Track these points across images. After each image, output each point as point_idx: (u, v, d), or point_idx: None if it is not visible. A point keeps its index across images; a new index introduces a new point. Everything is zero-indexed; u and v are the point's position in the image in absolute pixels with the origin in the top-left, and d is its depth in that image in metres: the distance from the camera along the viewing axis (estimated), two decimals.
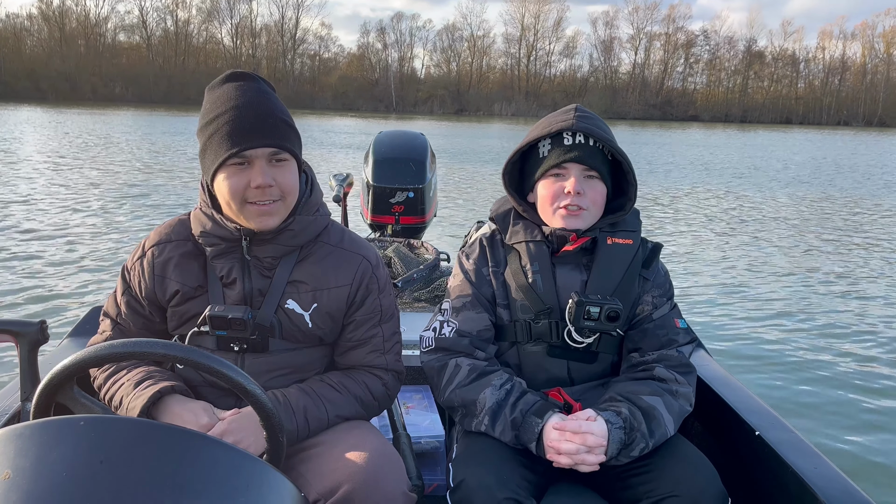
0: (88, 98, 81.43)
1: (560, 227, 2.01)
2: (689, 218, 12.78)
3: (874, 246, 10.63)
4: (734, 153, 32.26)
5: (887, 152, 36.99)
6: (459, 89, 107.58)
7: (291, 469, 1.74)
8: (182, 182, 15.00)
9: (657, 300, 2.04)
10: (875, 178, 21.93)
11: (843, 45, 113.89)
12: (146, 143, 25.08)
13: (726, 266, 8.95)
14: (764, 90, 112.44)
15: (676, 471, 1.79)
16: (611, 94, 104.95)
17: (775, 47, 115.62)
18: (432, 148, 4.13)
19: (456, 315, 2.05)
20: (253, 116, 1.70)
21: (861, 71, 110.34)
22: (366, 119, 62.28)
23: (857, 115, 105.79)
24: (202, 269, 1.85)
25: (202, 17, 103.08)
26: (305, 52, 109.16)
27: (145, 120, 42.51)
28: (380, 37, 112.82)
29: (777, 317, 6.83)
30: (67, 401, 1.40)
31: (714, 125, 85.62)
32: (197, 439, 1.10)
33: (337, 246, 1.91)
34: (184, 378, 1.84)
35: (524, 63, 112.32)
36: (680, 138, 45.64)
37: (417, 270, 3.23)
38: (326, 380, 1.88)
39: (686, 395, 1.95)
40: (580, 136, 1.99)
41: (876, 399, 4.97)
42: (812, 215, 13.68)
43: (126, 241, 8.89)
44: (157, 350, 1.34)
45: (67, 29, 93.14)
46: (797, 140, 49.17)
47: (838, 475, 1.77)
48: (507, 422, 1.87)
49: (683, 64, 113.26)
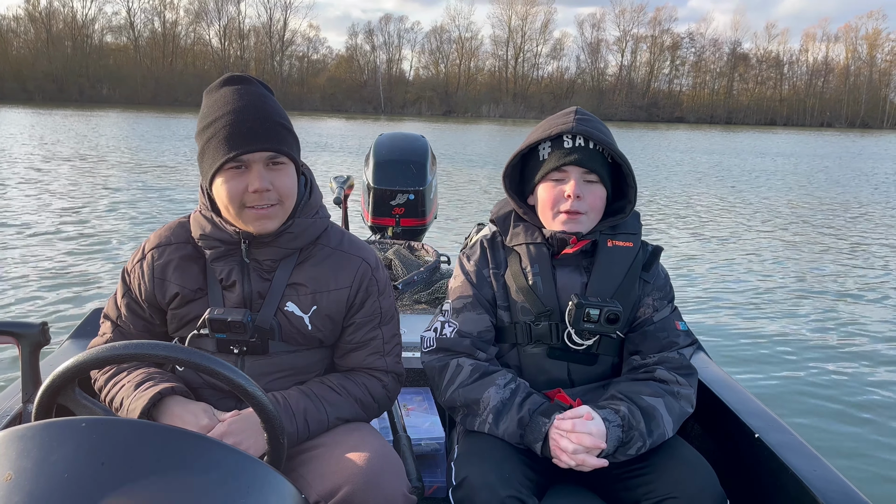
0: (75, 99, 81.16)
1: (560, 230, 2.01)
2: (685, 219, 12.81)
3: (874, 247, 10.67)
4: (729, 155, 32.42)
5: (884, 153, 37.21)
6: (447, 91, 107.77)
7: (292, 471, 1.73)
8: (182, 184, 14.99)
9: (658, 303, 2.05)
10: (871, 179, 22.04)
11: (827, 47, 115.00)
12: (145, 145, 25.07)
13: (724, 267, 8.97)
14: (749, 92, 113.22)
15: (675, 472, 1.80)
16: (598, 95, 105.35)
17: (760, 49, 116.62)
18: (433, 150, 4.13)
19: (457, 316, 2.05)
20: (250, 120, 1.69)
21: (844, 73, 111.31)
22: (354, 121, 62.27)
23: (839, 116, 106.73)
24: (202, 272, 1.85)
25: (190, 19, 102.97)
26: (294, 54, 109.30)
27: (139, 121, 42.45)
28: (368, 38, 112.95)
29: (777, 319, 6.84)
30: (69, 402, 1.40)
31: (700, 126, 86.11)
32: (198, 441, 1.10)
33: (336, 248, 1.91)
34: (184, 380, 1.83)
35: (512, 65, 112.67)
36: (666, 139, 45.82)
37: (418, 272, 3.24)
38: (326, 382, 1.88)
39: (687, 396, 1.96)
40: (580, 138, 2.00)
41: (876, 402, 4.97)
42: (810, 217, 13.71)
43: (126, 243, 8.88)
44: (158, 352, 1.34)
45: (54, 30, 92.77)
46: (788, 141, 49.48)
47: (838, 478, 1.78)
48: (514, 420, 1.87)
49: (669, 66, 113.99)
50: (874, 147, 45.71)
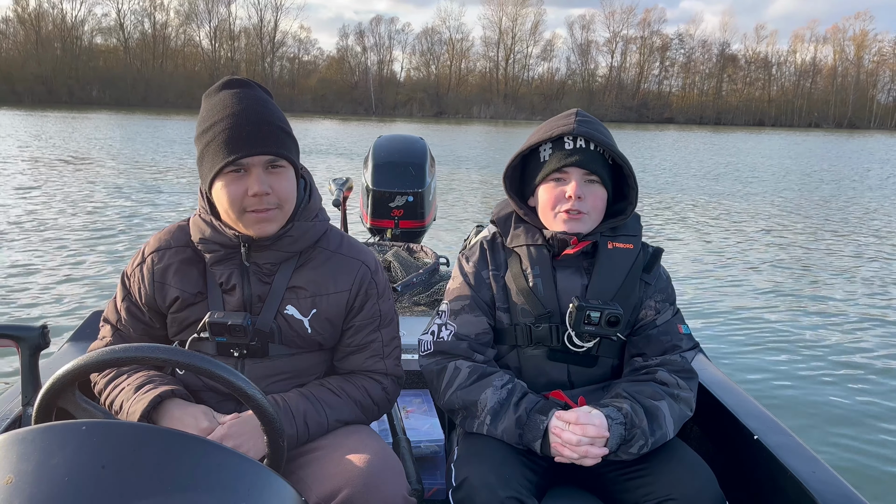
0: (65, 101, 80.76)
1: (561, 230, 2.01)
2: (683, 219, 12.84)
3: (875, 249, 10.68)
4: (724, 155, 32.54)
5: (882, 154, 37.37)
6: (438, 92, 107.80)
7: (291, 473, 1.73)
8: (182, 187, 14.97)
9: (659, 305, 2.05)
10: (871, 181, 22.11)
11: (815, 48, 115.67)
12: (141, 146, 25.01)
13: (722, 269, 8.99)
14: (738, 93, 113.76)
15: (674, 474, 1.80)
16: (588, 96, 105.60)
17: (749, 51, 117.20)
18: (431, 152, 4.12)
19: (454, 318, 2.05)
20: (249, 124, 1.69)
21: (832, 74, 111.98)
22: (344, 122, 62.15)
23: (827, 117, 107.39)
24: (202, 276, 1.85)
25: (180, 20, 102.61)
26: (284, 55, 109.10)
27: (131, 123, 42.26)
28: (359, 40, 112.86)
29: (775, 321, 6.85)
30: (69, 405, 1.40)
31: (689, 127, 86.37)
32: (198, 443, 1.10)
33: (336, 251, 1.91)
34: (184, 383, 1.83)
35: (503, 66, 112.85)
36: (657, 140, 45.96)
37: (417, 275, 3.24)
38: (326, 384, 1.88)
39: (687, 399, 1.96)
40: (581, 140, 2.00)
41: (875, 404, 4.98)
42: (811, 219, 13.72)
43: (126, 247, 8.87)
44: (157, 355, 1.34)
45: (44, 32, 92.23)
46: (781, 143, 49.62)
47: (837, 479, 1.78)
48: (512, 420, 1.87)
49: (659, 67, 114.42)
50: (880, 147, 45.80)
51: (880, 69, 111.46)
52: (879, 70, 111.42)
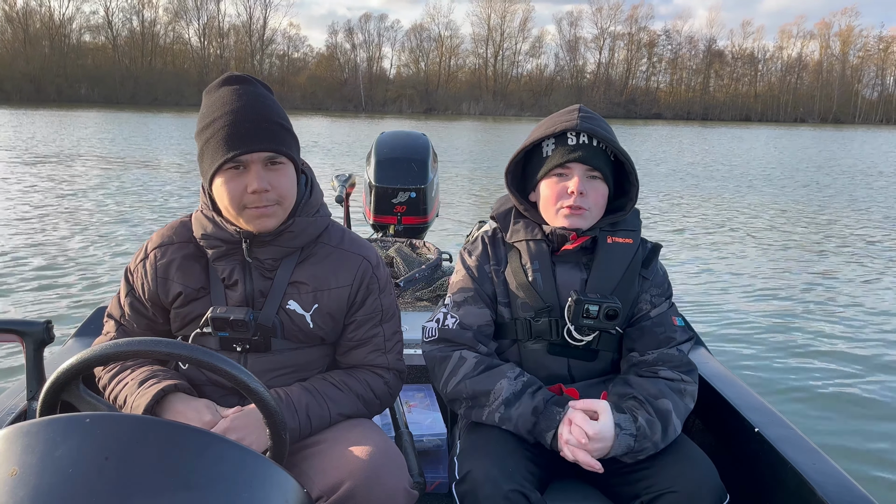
0: (53, 99, 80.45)
1: (562, 226, 2.02)
2: (681, 215, 12.84)
3: (875, 243, 10.69)
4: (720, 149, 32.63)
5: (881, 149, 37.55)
6: (428, 89, 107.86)
7: (294, 466, 1.74)
8: (185, 183, 14.97)
9: (655, 299, 2.06)
10: (868, 176, 22.15)
11: (801, 43, 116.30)
12: (139, 143, 24.98)
13: (723, 263, 9.01)
14: (724, 88, 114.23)
15: (675, 466, 1.81)
16: (576, 93, 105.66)
17: (735, 47, 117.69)
18: (434, 148, 4.12)
19: (458, 309, 2.06)
20: (249, 121, 1.69)
21: (817, 69, 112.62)
22: (334, 119, 62.07)
23: (812, 112, 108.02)
24: (204, 271, 1.86)
25: (169, 18, 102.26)
26: (274, 53, 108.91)
27: (124, 121, 42.15)
28: (348, 37, 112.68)
29: (776, 313, 6.86)
30: (73, 399, 1.39)
31: (677, 122, 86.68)
32: (201, 436, 1.10)
33: (337, 247, 1.91)
34: (187, 377, 1.84)
35: (492, 63, 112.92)
36: (644, 135, 46.07)
37: (419, 270, 3.25)
38: (328, 378, 1.88)
39: (691, 393, 1.98)
40: (584, 136, 2.00)
41: (876, 396, 5.00)
42: (807, 212, 13.74)
43: (129, 242, 8.89)
44: (161, 349, 1.34)
45: (31, 30, 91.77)
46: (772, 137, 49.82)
47: (837, 472, 1.80)
48: (528, 407, 1.87)
49: (647, 63, 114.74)
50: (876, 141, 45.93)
51: (865, 64, 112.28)
52: (864, 65, 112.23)
